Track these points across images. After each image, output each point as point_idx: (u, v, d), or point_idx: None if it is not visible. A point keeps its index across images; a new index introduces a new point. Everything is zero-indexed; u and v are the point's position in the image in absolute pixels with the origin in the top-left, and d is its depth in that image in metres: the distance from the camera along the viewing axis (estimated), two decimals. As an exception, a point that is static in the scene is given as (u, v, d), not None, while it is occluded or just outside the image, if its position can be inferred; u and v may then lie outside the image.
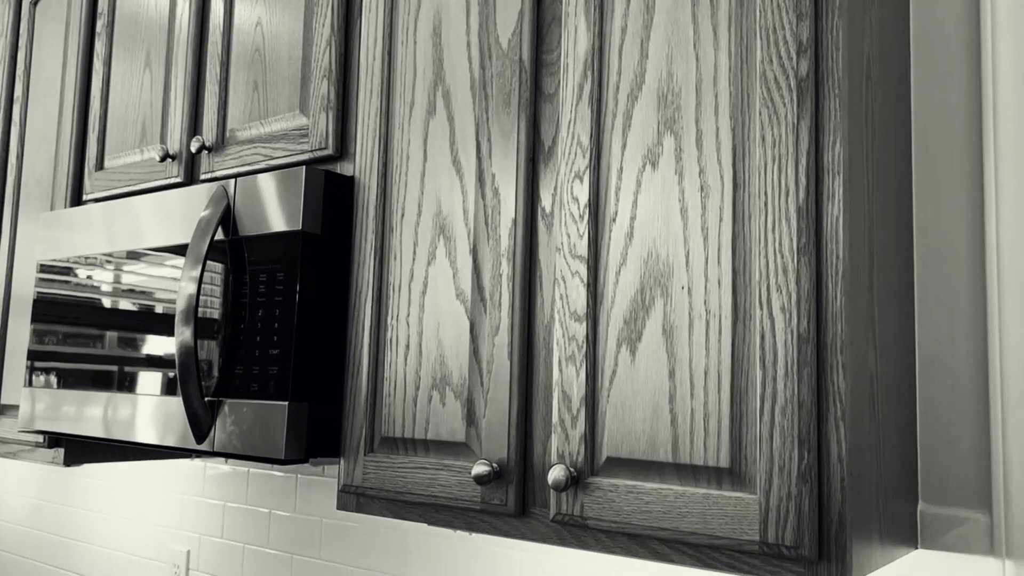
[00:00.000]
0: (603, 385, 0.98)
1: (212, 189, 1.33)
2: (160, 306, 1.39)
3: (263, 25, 1.42)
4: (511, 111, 1.10)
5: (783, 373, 0.85)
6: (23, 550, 2.36)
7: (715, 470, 0.89)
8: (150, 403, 1.37)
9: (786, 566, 0.84)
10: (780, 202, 0.87)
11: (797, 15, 0.88)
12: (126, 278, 1.46)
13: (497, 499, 1.05)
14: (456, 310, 1.12)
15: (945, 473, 1.06)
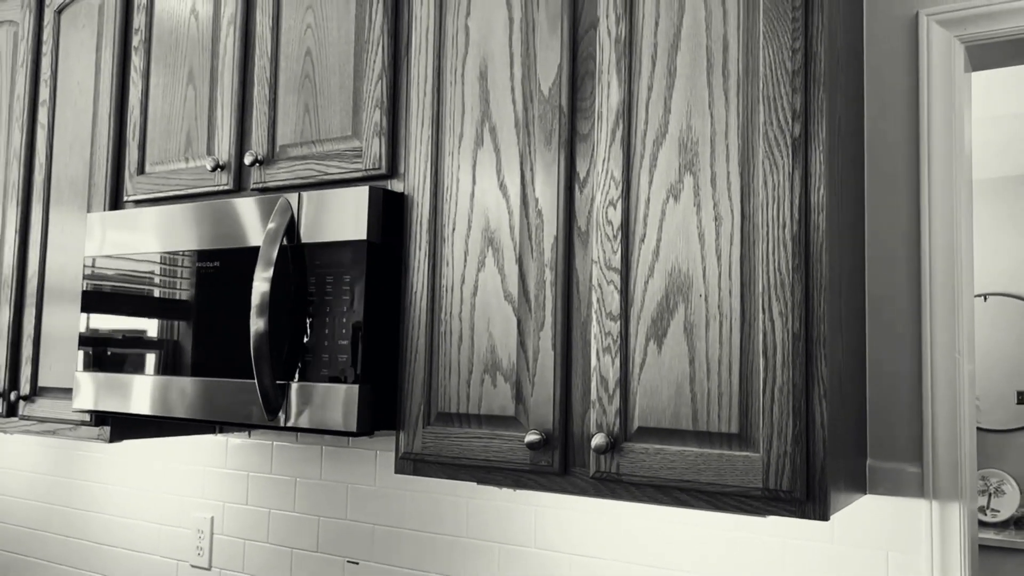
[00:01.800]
0: (634, 371, 1.25)
1: (271, 200, 1.53)
2: (216, 300, 1.58)
3: (312, 56, 1.61)
4: (552, 147, 1.35)
5: (781, 362, 1.13)
6: (36, 524, 2.50)
7: (727, 435, 1.17)
8: (212, 385, 1.57)
9: (782, 506, 1.13)
10: (778, 232, 1.15)
11: (792, 89, 1.16)
12: (181, 273, 1.64)
13: (544, 461, 1.31)
14: (504, 309, 1.37)
15: (887, 436, 1.37)
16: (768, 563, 1.45)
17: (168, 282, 1.67)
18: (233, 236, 1.58)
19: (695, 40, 1.24)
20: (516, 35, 1.39)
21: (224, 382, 1.57)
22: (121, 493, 2.32)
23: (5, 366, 2.04)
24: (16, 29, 2.15)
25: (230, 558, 2.08)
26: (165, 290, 1.67)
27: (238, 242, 1.57)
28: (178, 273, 1.66)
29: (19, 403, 2.00)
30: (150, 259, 1.70)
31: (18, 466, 2.58)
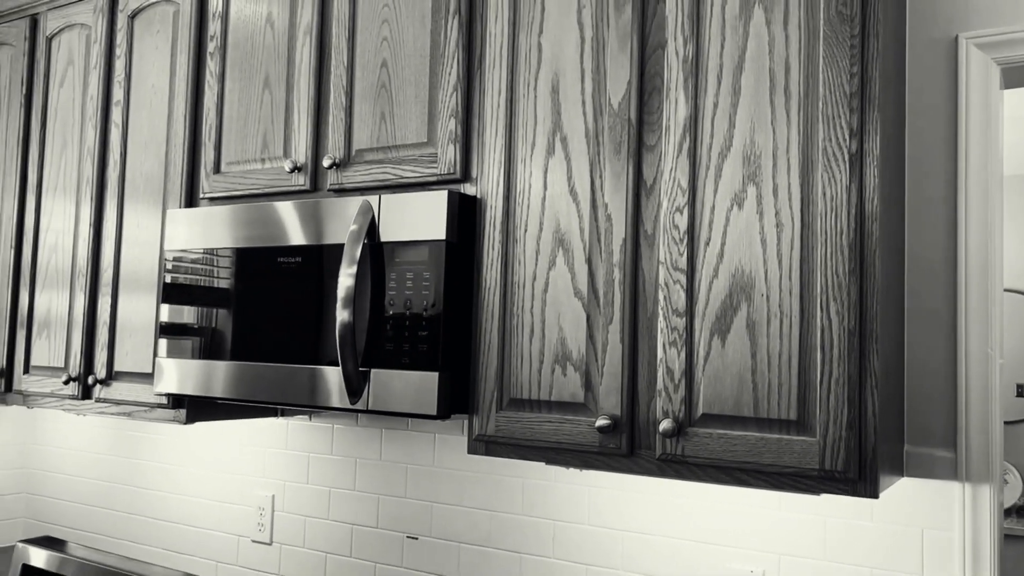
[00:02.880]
0: (698, 363, 1.37)
1: (351, 201, 1.65)
2: (297, 292, 1.71)
3: (388, 67, 1.73)
4: (621, 157, 1.47)
5: (837, 356, 1.26)
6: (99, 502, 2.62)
7: (786, 422, 1.29)
8: (291, 371, 1.70)
9: (836, 485, 1.26)
10: (836, 239, 1.27)
11: (850, 109, 1.28)
12: (261, 267, 1.77)
13: (612, 444, 1.44)
14: (575, 305, 1.49)
15: (924, 424, 1.50)
16: (811, 540, 1.58)
17: (248, 275, 1.79)
18: (315, 234, 1.70)
19: (759, 62, 1.36)
20: (587, 52, 1.51)
21: (303, 368, 1.69)
22: (182, 473, 2.44)
23: (81, 351, 2.16)
24: (88, 32, 2.26)
25: (291, 534, 2.21)
26: (245, 283, 1.79)
27: (319, 239, 1.69)
28: (259, 267, 1.78)
29: (95, 386, 2.12)
30: (231, 253, 1.82)
31: (78, 446, 2.70)
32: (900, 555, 1.50)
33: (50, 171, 2.32)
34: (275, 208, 1.76)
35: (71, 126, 2.27)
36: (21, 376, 2.30)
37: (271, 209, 1.77)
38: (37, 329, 2.28)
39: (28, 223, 2.35)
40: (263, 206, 1.78)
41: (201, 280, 1.86)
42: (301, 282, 1.72)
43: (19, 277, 2.35)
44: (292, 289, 1.73)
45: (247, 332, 1.78)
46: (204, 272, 1.86)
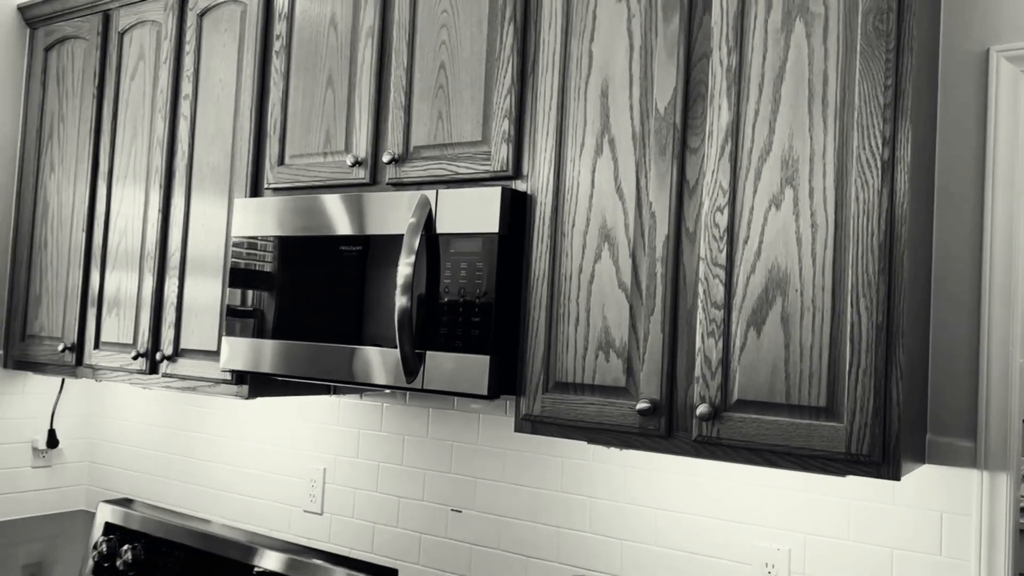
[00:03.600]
0: (735, 353, 1.48)
1: (410, 195, 1.77)
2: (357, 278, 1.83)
3: (446, 70, 1.84)
4: (666, 158, 1.57)
5: (865, 349, 1.36)
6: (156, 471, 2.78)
7: (816, 408, 1.40)
8: (350, 351, 1.82)
9: (861, 468, 1.36)
10: (867, 240, 1.37)
11: (883, 119, 1.37)
12: (324, 254, 1.89)
13: (652, 426, 1.55)
14: (618, 296, 1.60)
15: (945, 415, 1.60)
16: (835, 521, 1.69)
17: (311, 262, 1.91)
18: (375, 224, 1.82)
19: (798, 73, 1.45)
20: (636, 60, 1.61)
21: (362, 349, 1.82)
22: (237, 445, 2.59)
23: (148, 329, 2.31)
24: (159, 29, 2.39)
25: (341, 505, 2.35)
26: (307, 268, 1.92)
27: (380, 230, 1.81)
28: (321, 254, 1.90)
29: (162, 362, 2.27)
30: (295, 241, 1.94)
31: (137, 419, 2.86)
32: (920, 536, 1.60)
33: (120, 159, 2.46)
34: (338, 200, 1.89)
35: (141, 117, 2.41)
36: (91, 351, 2.46)
37: (334, 201, 1.89)
38: (107, 308, 2.43)
39: (99, 208, 2.50)
40: (326, 198, 1.91)
41: (266, 265, 1.99)
42: (361, 269, 1.84)
43: (90, 259, 2.51)
44: (352, 275, 1.85)
45: (308, 314, 1.91)
46: (269, 258, 1.99)
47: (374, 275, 1.82)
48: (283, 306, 1.96)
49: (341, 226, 1.87)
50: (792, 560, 1.72)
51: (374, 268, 1.82)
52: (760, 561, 1.75)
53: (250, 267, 2.02)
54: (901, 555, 1.61)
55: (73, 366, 2.51)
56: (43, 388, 2.85)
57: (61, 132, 2.62)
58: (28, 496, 2.81)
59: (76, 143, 2.57)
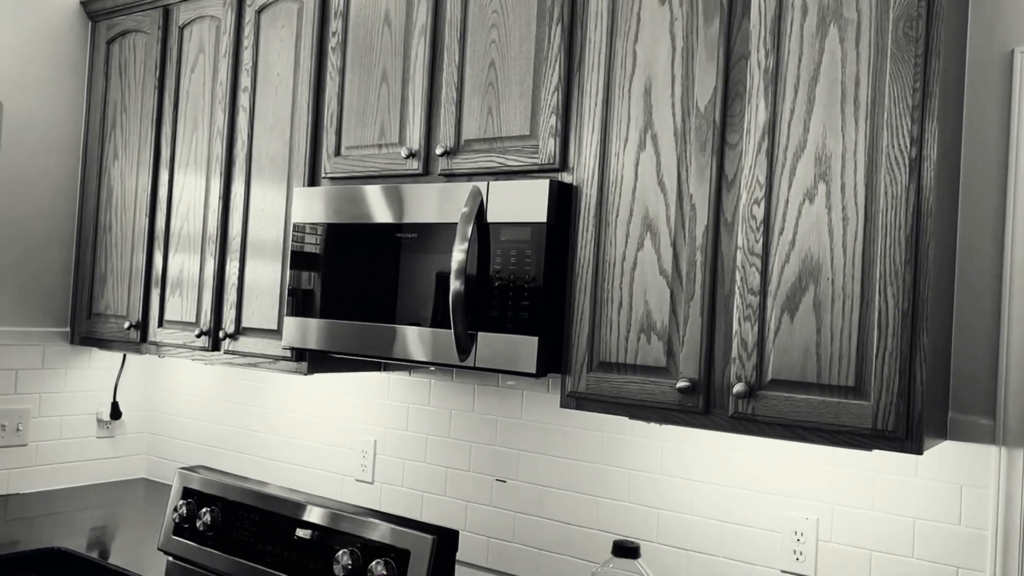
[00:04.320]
0: (769, 336, 1.59)
1: (462, 186, 1.89)
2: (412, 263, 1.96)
3: (496, 67, 1.96)
4: (706, 154, 1.68)
5: (891, 333, 1.47)
6: (213, 443, 2.95)
7: (845, 388, 1.51)
8: (406, 331, 1.96)
9: (886, 443, 1.48)
10: (895, 232, 1.47)
11: (911, 120, 1.47)
12: (381, 241, 2.02)
13: (691, 403, 1.67)
14: (659, 282, 1.72)
15: (967, 394, 1.70)
16: (861, 492, 1.80)
17: (369, 247, 2.04)
18: (430, 213, 1.94)
19: (832, 75, 1.55)
20: (678, 60, 1.72)
21: (416, 329, 1.95)
22: (289, 418, 2.75)
23: (211, 309, 2.46)
24: (218, 23, 2.52)
25: (391, 475, 2.50)
26: (365, 253, 2.05)
27: (434, 218, 1.94)
28: (378, 240, 2.03)
29: (225, 340, 2.42)
30: (354, 227, 2.07)
31: (193, 393, 3.03)
32: (940, 508, 1.71)
33: (182, 148, 2.60)
34: (394, 190, 2.01)
35: (201, 108, 2.55)
36: (156, 329, 2.62)
37: (391, 191, 2.02)
38: (170, 288, 2.58)
39: (161, 194, 2.64)
40: (383, 188, 2.03)
41: (326, 250, 2.13)
42: (416, 254, 1.97)
43: (153, 241, 2.66)
44: (407, 261, 1.98)
45: (365, 296, 2.04)
46: (329, 243, 2.12)
47: (428, 261, 1.95)
48: (341, 288, 2.09)
49: (397, 214, 2.00)
50: (820, 528, 1.84)
51: (429, 254, 1.95)
52: (789, 530, 1.87)
53: (311, 251, 2.16)
54: (922, 525, 1.73)
55: (138, 343, 2.67)
56: (107, 363, 3.02)
57: (124, 121, 2.76)
58: (93, 464, 3.00)
59: (139, 132, 2.72)
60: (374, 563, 1.56)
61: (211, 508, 1.85)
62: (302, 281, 2.17)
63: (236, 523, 1.82)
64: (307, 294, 2.16)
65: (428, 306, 1.94)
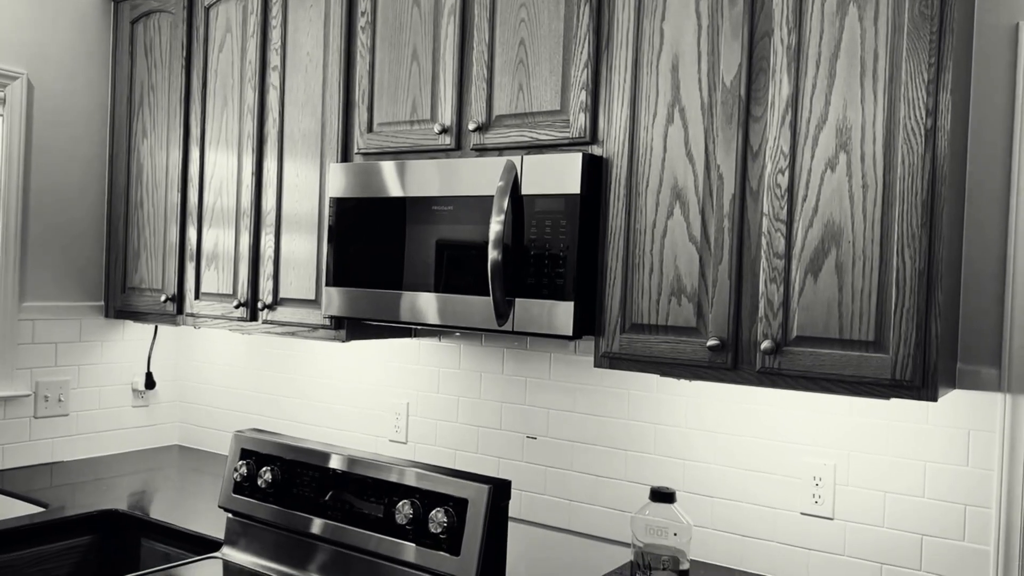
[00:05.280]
0: (794, 296, 1.71)
1: (496, 161, 1.99)
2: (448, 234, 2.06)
3: (525, 46, 2.05)
4: (732, 126, 1.79)
5: (909, 292, 1.59)
6: (248, 409, 3.07)
7: (865, 342, 1.64)
8: (444, 299, 2.07)
9: (903, 391, 1.61)
10: (912, 198, 1.59)
11: (927, 93, 1.58)
12: (417, 213, 2.12)
13: (720, 360, 1.80)
14: (689, 248, 1.84)
15: (974, 346, 1.84)
16: (876, 439, 1.94)
17: (406, 219, 2.15)
18: (466, 186, 2.05)
19: (851, 51, 1.66)
20: (704, 38, 1.82)
21: (455, 297, 2.06)
22: (322, 384, 2.87)
23: (248, 281, 2.56)
24: (245, 3, 2.59)
25: (424, 435, 2.63)
26: (402, 225, 2.15)
27: (470, 191, 2.04)
28: (415, 213, 2.13)
29: (263, 310, 2.52)
30: (390, 201, 2.17)
31: (223, 362, 3.14)
32: (949, 451, 1.86)
33: (212, 125, 2.68)
34: (430, 164, 2.11)
35: (231, 87, 2.63)
36: (192, 301, 2.72)
37: (427, 165, 2.12)
38: (205, 262, 2.68)
39: (192, 170, 2.73)
40: (419, 163, 2.13)
41: (364, 223, 2.23)
42: (452, 226, 2.07)
43: (186, 216, 2.75)
44: (444, 232, 2.09)
45: (403, 266, 2.15)
46: (366, 216, 2.22)
47: (465, 231, 2.05)
48: (379, 259, 2.20)
49: (434, 188, 2.10)
50: (837, 474, 1.98)
51: (465, 225, 2.05)
52: (808, 475, 2.01)
53: (348, 224, 2.26)
54: (933, 467, 1.88)
55: (174, 315, 2.77)
56: (139, 335, 3.13)
57: (152, 100, 2.84)
58: (130, 433, 3.11)
59: (167, 111, 2.79)
60: (435, 511, 1.69)
61: (271, 467, 1.98)
62: (341, 253, 2.27)
63: (296, 480, 1.94)
64: (346, 265, 2.26)
65: (466, 275, 2.05)
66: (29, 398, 2.81)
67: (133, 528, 2.36)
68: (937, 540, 1.87)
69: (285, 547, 1.97)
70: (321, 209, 2.41)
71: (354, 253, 2.25)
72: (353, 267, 2.25)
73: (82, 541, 2.34)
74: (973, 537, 1.83)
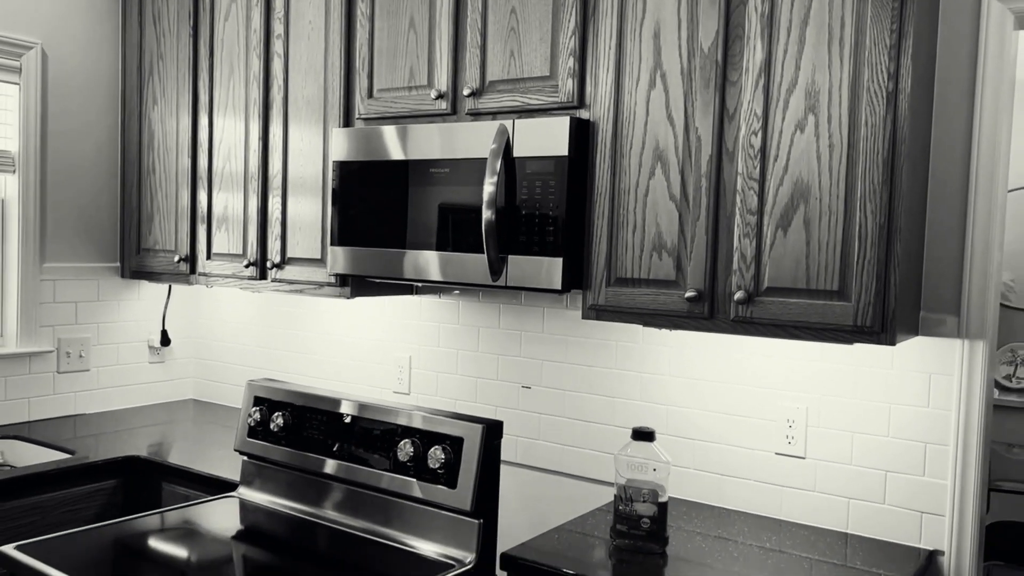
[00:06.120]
0: (765, 249, 1.84)
1: (489, 124, 2.11)
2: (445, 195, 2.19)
3: (517, 14, 2.15)
4: (709, 90, 1.90)
5: (871, 244, 1.72)
6: (257, 364, 3.23)
7: (830, 292, 1.77)
8: (442, 256, 2.20)
9: (865, 337, 1.74)
10: (874, 157, 1.71)
11: (889, 58, 1.69)
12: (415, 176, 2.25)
13: (698, 310, 1.93)
14: (669, 206, 1.96)
15: (936, 295, 1.97)
16: (845, 383, 2.08)
17: (405, 181, 2.27)
18: (461, 149, 2.17)
19: (820, 19, 1.76)
20: (684, 6, 1.92)
21: (452, 255, 2.19)
22: (327, 339, 3.01)
23: (256, 242, 2.70)
24: (249, -26, 2.69)
25: (425, 386, 2.78)
26: (401, 187, 2.28)
27: (465, 154, 2.16)
28: (413, 175, 2.26)
29: (272, 269, 2.66)
30: (390, 163, 2.30)
31: (233, 320, 3.29)
32: (912, 393, 1.99)
33: (219, 93, 2.80)
34: (426, 129, 2.23)
35: (236, 55, 2.74)
36: (204, 262, 2.86)
37: (424, 129, 2.24)
38: (216, 223, 2.82)
39: (202, 136, 2.85)
40: (417, 127, 2.25)
41: (365, 185, 2.35)
42: (449, 187, 2.20)
43: (196, 181, 2.88)
44: (441, 193, 2.21)
45: (403, 226, 2.28)
46: (368, 178, 2.35)
47: (460, 192, 2.18)
48: (381, 219, 2.33)
49: (431, 151, 2.22)
50: (809, 415, 2.13)
51: (460, 186, 2.18)
52: (782, 417, 2.16)
53: (351, 186, 2.38)
54: (897, 408, 2.02)
55: (187, 274, 2.91)
56: (154, 294, 3.28)
57: (161, 69, 2.95)
58: (147, 387, 3.27)
59: (176, 79, 2.90)
60: (433, 449, 1.84)
61: (283, 412, 2.13)
62: (345, 214, 2.40)
63: (306, 424, 2.09)
64: (350, 225, 2.39)
65: (462, 233, 2.18)
66: (52, 354, 2.96)
67: (154, 472, 2.52)
68: (900, 476, 2.02)
69: (296, 486, 2.13)
70: (325, 172, 2.54)
71: (357, 214, 2.38)
72: (356, 227, 2.38)
73: (107, 484, 2.50)
74: (932, 472, 1.98)
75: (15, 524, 2.29)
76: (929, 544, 1.99)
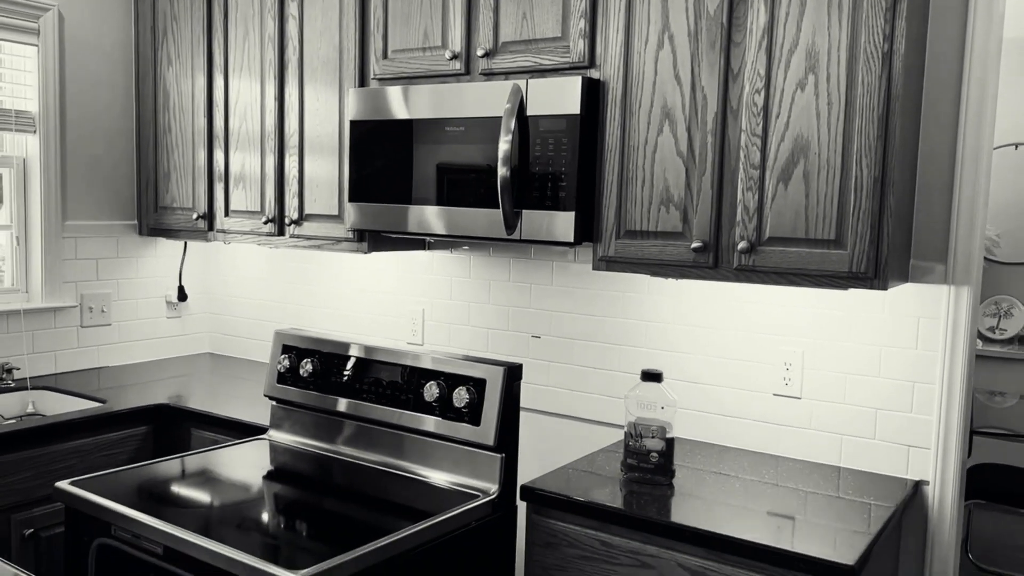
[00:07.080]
0: (767, 202, 1.96)
1: (503, 84, 2.21)
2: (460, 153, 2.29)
3: (530, -25, 2.24)
4: (715, 51, 2.00)
5: (866, 195, 1.84)
6: (270, 317, 3.34)
7: (827, 240, 1.89)
8: (457, 212, 2.31)
9: (859, 282, 1.87)
10: (870, 113, 1.83)
11: (884, 20, 1.80)
12: (431, 134, 2.35)
13: (703, 260, 2.05)
14: (676, 162, 2.07)
15: (926, 244, 2.10)
16: (840, 327, 2.22)
17: (421, 139, 2.37)
18: (476, 108, 2.26)
19: (821, -18, 1.87)
20: (690, -30, 2.02)
21: (467, 210, 2.30)
22: (341, 293, 3.13)
23: (274, 199, 2.80)
24: (262, -63, 2.75)
25: (439, 337, 2.91)
26: (418, 145, 2.38)
27: (479, 113, 2.26)
28: (430, 133, 2.36)
29: (290, 226, 2.77)
30: (407, 122, 2.39)
31: (248, 276, 3.40)
32: (902, 335, 2.14)
33: (234, 54, 2.87)
34: (442, 88, 2.32)
35: (251, 17, 2.81)
36: (222, 219, 2.96)
37: (440, 89, 2.33)
38: (233, 182, 2.91)
39: (217, 97, 2.93)
40: (433, 87, 2.34)
41: (382, 143, 2.45)
42: (464, 145, 2.30)
43: (212, 140, 2.96)
44: (456, 150, 2.31)
45: (419, 182, 2.39)
46: (384, 137, 2.45)
47: (476, 150, 2.28)
48: (398, 176, 2.43)
49: (446, 110, 2.32)
50: (805, 358, 2.27)
51: (476, 144, 2.28)
52: (780, 361, 2.30)
53: (369, 145, 2.48)
54: (887, 350, 2.16)
55: (205, 231, 3.01)
56: (171, 251, 3.38)
57: (175, 30, 3.02)
58: (165, 341, 3.39)
59: (191, 40, 2.97)
60: (458, 390, 1.97)
61: (311, 359, 2.25)
62: (362, 171, 2.50)
63: (334, 369, 2.22)
64: (367, 182, 2.50)
65: (478, 189, 2.29)
66: (75, 309, 3.07)
67: (183, 419, 2.65)
68: (889, 413, 2.17)
69: (325, 427, 2.26)
70: (341, 132, 2.63)
71: (373, 171, 2.48)
72: (373, 184, 2.48)
73: (139, 431, 2.63)
74: (919, 409, 2.13)
75: (58, 466, 2.42)
76: (915, 475, 2.15)
